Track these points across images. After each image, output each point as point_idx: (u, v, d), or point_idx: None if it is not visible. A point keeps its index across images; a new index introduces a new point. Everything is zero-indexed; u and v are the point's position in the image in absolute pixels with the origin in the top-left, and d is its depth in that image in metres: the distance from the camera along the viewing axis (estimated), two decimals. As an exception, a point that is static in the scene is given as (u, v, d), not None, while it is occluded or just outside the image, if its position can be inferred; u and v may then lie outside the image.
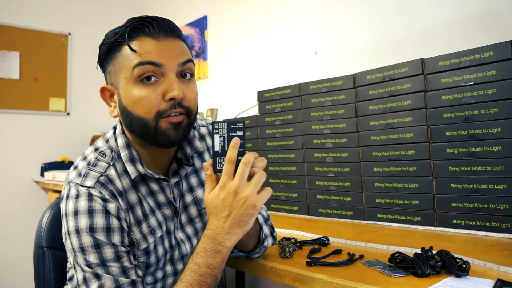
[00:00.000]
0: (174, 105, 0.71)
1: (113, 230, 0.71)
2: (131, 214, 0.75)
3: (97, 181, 0.73)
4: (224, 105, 2.29)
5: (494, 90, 1.05)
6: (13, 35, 2.56)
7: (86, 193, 0.71)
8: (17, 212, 2.52)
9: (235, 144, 0.67)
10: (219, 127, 0.69)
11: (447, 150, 1.13)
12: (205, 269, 0.68)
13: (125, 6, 3.04)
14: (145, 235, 0.76)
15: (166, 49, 0.72)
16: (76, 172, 0.75)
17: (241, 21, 2.18)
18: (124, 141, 0.78)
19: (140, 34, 0.72)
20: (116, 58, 0.74)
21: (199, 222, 0.85)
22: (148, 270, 0.77)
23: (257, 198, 0.66)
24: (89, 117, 2.81)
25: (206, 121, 0.96)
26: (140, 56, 0.70)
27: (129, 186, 0.77)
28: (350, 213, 1.34)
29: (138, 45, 0.71)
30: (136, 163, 0.77)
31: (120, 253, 0.71)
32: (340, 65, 1.66)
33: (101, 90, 0.78)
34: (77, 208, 0.70)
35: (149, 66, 0.70)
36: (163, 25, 0.72)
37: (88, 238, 0.69)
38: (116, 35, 0.72)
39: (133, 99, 0.72)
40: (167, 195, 0.81)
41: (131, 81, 0.72)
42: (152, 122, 0.71)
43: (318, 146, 1.44)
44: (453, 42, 1.31)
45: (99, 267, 0.69)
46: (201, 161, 0.88)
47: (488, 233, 1.06)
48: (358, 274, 0.76)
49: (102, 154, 0.78)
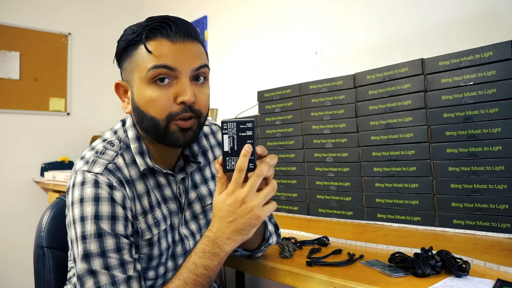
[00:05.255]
0: (185, 109, 0.72)
1: (118, 218, 0.71)
2: (137, 203, 0.76)
3: (106, 168, 0.74)
4: (224, 105, 2.29)
5: (494, 90, 1.05)
6: (13, 35, 2.56)
7: (93, 180, 0.72)
8: (17, 212, 2.52)
9: (246, 152, 0.67)
10: (228, 127, 0.69)
11: (447, 150, 1.13)
12: (201, 270, 0.69)
13: (125, 6, 3.04)
14: (150, 226, 0.77)
15: (182, 53, 0.72)
16: (83, 161, 0.76)
17: (241, 21, 2.18)
18: (134, 133, 0.80)
19: (158, 35, 0.72)
20: (132, 56, 0.74)
21: (203, 218, 0.86)
22: (150, 263, 0.77)
23: (262, 209, 0.67)
24: (89, 117, 2.81)
25: (209, 120, 0.97)
26: (156, 59, 0.71)
27: (137, 176, 0.78)
28: (350, 213, 1.34)
29: (154, 46, 0.71)
30: (145, 156, 0.78)
31: (121, 244, 0.71)
32: (340, 65, 1.66)
33: (116, 86, 0.80)
34: (83, 196, 0.71)
35: (164, 69, 0.71)
36: (181, 27, 0.73)
37: (92, 226, 0.69)
38: (134, 34, 0.73)
39: (145, 99, 0.73)
40: (174, 190, 0.82)
41: (144, 81, 0.73)
42: (162, 122, 0.73)
43: (318, 146, 1.44)
44: (453, 42, 1.31)
45: (98, 257, 0.69)
46: (205, 159, 0.90)
47: (488, 233, 1.06)
48: (358, 274, 0.76)
49: (110, 143, 0.80)
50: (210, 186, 0.89)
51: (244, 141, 0.68)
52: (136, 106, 0.75)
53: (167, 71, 0.71)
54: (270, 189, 0.68)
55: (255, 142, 0.69)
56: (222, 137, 0.69)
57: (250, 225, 0.67)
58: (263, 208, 0.67)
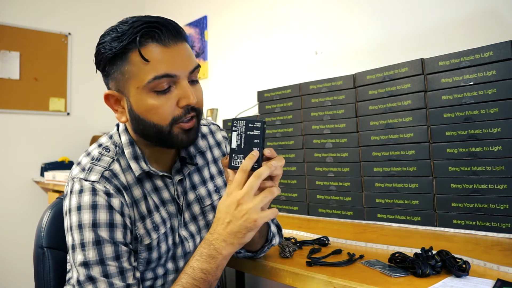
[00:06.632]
0: (188, 110, 0.73)
1: (116, 226, 0.71)
2: (135, 209, 0.76)
3: (102, 175, 0.73)
4: (224, 105, 2.29)
5: (494, 90, 1.05)
6: (13, 35, 2.56)
7: (90, 187, 0.71)
8: (17, 212, 2.52)
9: (253, 156, 0.67)
10: (238, 125, 0.70)
11: (447, 150, 1.13)
12: (199, 274, 0.68)
13: (125, 6, 3.05)
14: (148, 231, 0.76)
15: (177, 57, 0.71)
16: (79, 168, 0.76)
17: (241, 21, 2.18)
18: (127, 138, 0.79)
19: (149, 40, 0.69)
20: (123, 66, 0.71)
21: (202, 220, 0.86)
22: (148, 266, 0.77)
23: (259, 213, 0.66)
24: (89, 117, 2.81)
25: (207, 120, 0.97)
26: (154, 69, 0.69)
27: (133, 181, 0.77)
28: (350, 213, 1.34)
29: (148, 53, 0.69)
30: (140, 160, 0.78)
31: (120, 252, 0.70)
32: (340, 65, 1.66)
33: (106, 97, 0.77)
34: (80, 203, 0.70)
35: (165, 78, 0.70)
36: (170, 29, 0.71)
37: (90, 234, 0.69)
38: (121, 42, 0.69)
39: (147, 108, 0.72)
40: (171, 192, 0.82)
41: (144, 91, 0.71)
42: (167, 128, 0.72)
43: (318, 146, 1.44)
44: (453, 42, 1.31)
45: (96, 265, 0.68)
46: (203, 159, 0.90)
47: (488, 233, 1.06)
48: (358, 274, 0.76)
49: (106, 149, 0.79)
50: (209, 187, 0.88)
51: (252, 140, 0.69)
52: (136, 115, 0.74)
53: (168, 80, 0.71)
54: (267, 193, 0.67)
55: (262, 142, 0.69)
56: (231, 134, 0.70)
57: (246, 228, 0.66)
58: (260, 213, 0.66)
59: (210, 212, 0.86)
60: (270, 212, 0.67)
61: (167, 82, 0.71)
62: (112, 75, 0.74)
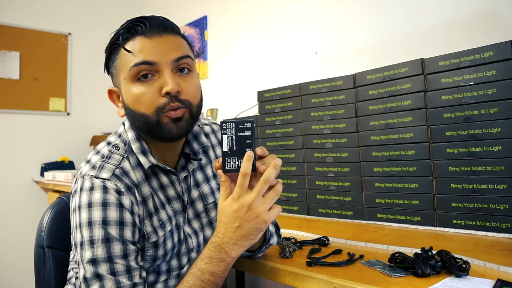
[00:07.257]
0: (171, 99, 0.73)
1: (126, 224, 0.71)
2: (144, 207, 0.76)
3: (113, 173, 0.74)
4: (224, 105, 2.29)
5: (494, 90, 1.05)
6: (13, 35, 2.56)
7: (101, 185, 0.72)
8: (17, 212, 2.52)
9: (249, 157, 0.67)
10: (227, 127, 0.69)
11: (447, 150, 1.13)
12: (207, 276, 0.69)
13: (125, 6, 3.05)
14: (155, 228, 0.77)
15: (159, 46, 0.73)
16: (89, 165, 0.76)
17: (241, 21, 2.18)
18: (134, 134, 0.80)
19: (134, 34, 0.74)
20: (116, 61, 0.77)
21: (205, 217, 0.87)
22: (154, 263, 0.78)
23: (268, 214, 0.68)
24: (89, 117, 2.81)
25: (209, 120, 0.98)
26: (135, 57, 0.73)
27: (142, 179, 0.78)
28: (350, 213, 1.34)
29: (132, 45, 0.74)
30: (148, 154, 0.78)
31: (128, 251, 0.71)
32: (340, 65, 1.66)
33: (109, 92, 0.82)
34: (91, 200, 0.71)
35: (144, 65, 0.72)
36: (155, 23, 0.74)
37: (99, 231, 0.69)
38: (113, 39, 0.76)
39: (132, 97, 0.74)
40: (177, 189, 0.82)
41: (129, 81, 0.74)
42: (153, 117, 0.73)
43: (318, 146, 1.44)
44: (453, 42, 1.31)
45: (104, 263, 0.68)
46: (206, 157, 0.90)
47: (488, 233, 1.06)
48: (358, 274, 0.76)
49: (115, 147, 0.80)
50: (212, 185, 0.89)
51: (243, 141, 0.69)
52: (127, 107, 0.76)
53: (147, 67, 0.72)
54: (275, 194, 0.69)
55: (254, 142, 0.69)
56: (221, 137, 0.70)
57: (257, 230, 0.68)
58: (269, 213, 0.68)
59: (213, 210, 0.87)
60: (277, 210, 0.70)
61: (147, 70, 0.72)
62: (111, 72, 0.80)
